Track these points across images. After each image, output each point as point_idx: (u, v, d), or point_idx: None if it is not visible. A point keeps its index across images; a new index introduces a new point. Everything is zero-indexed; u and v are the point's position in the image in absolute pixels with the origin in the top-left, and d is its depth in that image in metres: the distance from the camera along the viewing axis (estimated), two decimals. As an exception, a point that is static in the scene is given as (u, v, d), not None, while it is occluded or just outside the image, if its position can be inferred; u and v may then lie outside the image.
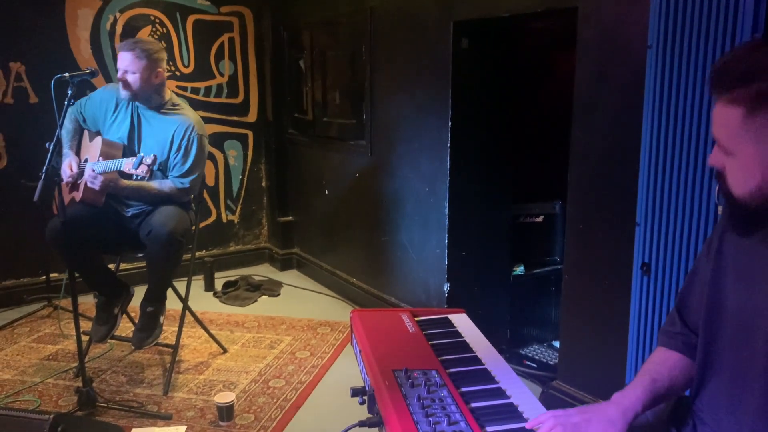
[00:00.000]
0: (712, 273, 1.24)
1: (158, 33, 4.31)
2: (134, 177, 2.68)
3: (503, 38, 3.15)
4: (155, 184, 2.90)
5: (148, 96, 2.90)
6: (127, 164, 2.66)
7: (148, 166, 2.61)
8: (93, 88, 3.98)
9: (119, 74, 2.85)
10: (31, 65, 3.92)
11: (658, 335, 1.42)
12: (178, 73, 4.44)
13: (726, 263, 1.22)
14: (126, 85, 2.84)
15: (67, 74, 2.52)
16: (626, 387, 1.29)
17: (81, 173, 2.90)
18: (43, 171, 2.36)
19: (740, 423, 1.15)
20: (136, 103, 2.94)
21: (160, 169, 2.91)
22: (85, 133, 3.10)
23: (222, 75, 4.64)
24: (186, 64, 4.47)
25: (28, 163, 3.68)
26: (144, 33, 4.25)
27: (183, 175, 2.92)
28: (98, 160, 2.81)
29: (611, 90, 2.31)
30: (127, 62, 2.81)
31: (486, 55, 3.14)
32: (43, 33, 3.92)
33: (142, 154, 2.65)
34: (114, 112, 2.99)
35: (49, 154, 2.39)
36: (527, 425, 1.24)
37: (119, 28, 4.17)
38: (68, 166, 2.92)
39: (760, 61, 1.02)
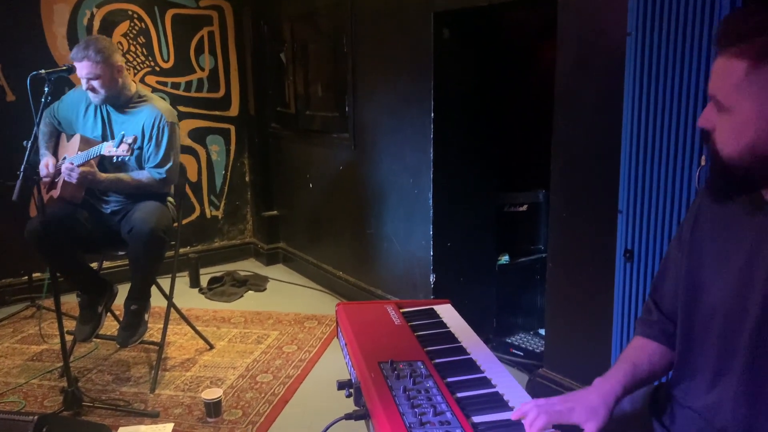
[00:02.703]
0: (687, 259, 1.25)
1: (136, 28, 4.26)
2: (115, 159, 2.65)
3: (484, 28, 3.15)
4: (132, 175, 2.88)
5: (117, 94, 2.87)
6: (107, 146, 2.65)
7: (129, 144, 2.59)
8: (70, 84, 3.94)
9: (84, 85, 2.81)
10: (7, 63, 3.85)
11: (635, 325, 1.44)
12: (157, 68, 4.39)
13: (701, 247, 1.24)
14: (94, 91, 2.82)
15: (43, 71, 2.48)
16: (607, 372, 1.30)
17: (58, 172, 2.87)
18: (22, 170, 2.34)
19: (720, 404, 1.17)
20: None
21: (137, 160, 2.91)
22: (63, 135, 3.07)
23: (202, 69, 4.60)
24: (165, 59, 4.42)
25: (6, 162, 3.62)
26: (122, 28, 4.20)
27: (159, 165, 2.89)
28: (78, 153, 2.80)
29: (591, 78, 2.31)
30: (86, 70, 2.76)
31: (467, 46, 3.14)
32: (18, 30, 3.86)
33: (122, 133, 2.63)
34: (84, 113, 2.97)
35: (27, 152, 2.36)
36: (512, 415, 1.25)
37: (96, 24, 4.11)
38: (45, 165, 2.88)
39: (766, 18, 1.03)
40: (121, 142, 2.60)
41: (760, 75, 1.02)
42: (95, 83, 2.79)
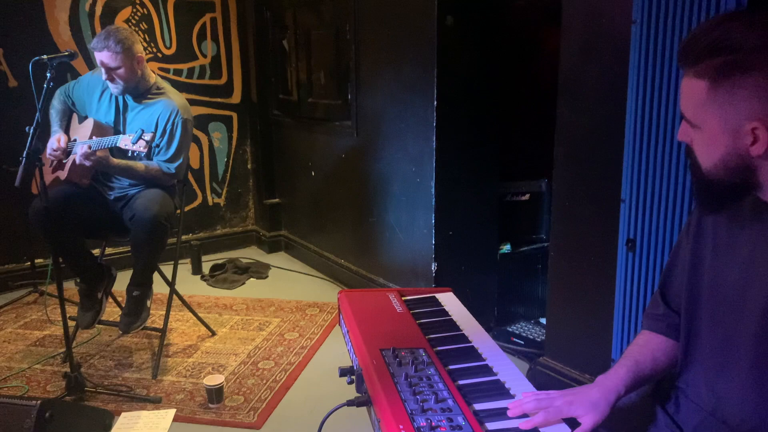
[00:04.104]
0: (691, 251, 1.25)
1: (138, 14, 4.24)
2: (130, 153, 2.66)
3: (489, 15, 3.12)
4: (144, 164, 2.88)
5: (136, 84, 2.87)
6: (124, 140, 2.64)
7: (147, 141, 2.59)
8: (72, 71, 3.94)
9: (104, 75, 2.80)
10: (10, 48, 3.84)
11: (642, 318, 1.43)
12: (160, 55, 4.38)
13: (705, 240, 1.23)
14: (113, 81, 2.80)
15: (45, 57, 2.47)
16: (610, 369, 1.30)
17: (68, 152, 2.87)
18: (24, 155, 2.33)
19: (725, 396, 1.17)
20: None
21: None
22: (74, 115, 3.07)
23: (205, 56, 4.58)
24: (168, 45, 4.41)
25: (9, 148, 3.62)
26: (124, 14, 4.18)
27: (169, 160, 2.89)
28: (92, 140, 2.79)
29: (596, 66, 2.30)
30: (105, 59, 2.75)
31: (471, 33, 3.12)
32: (21, 15, 3.84)
33: (141, 129, 2.62)
34: (99, 98, 2.97)
35: (29, 137, 2.36)
36: (510, 405, 1.25)
37: (98, 10, 4.09)
38: (56, 140, 2.86)
39: (724, 34, 1.02)
40: (139, 138, 2.58)
41: (719, 93, 1.03)
42: (115, 73, 2.78)
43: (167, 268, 3.17)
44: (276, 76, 4.63)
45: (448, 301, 1.84)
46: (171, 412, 2.57)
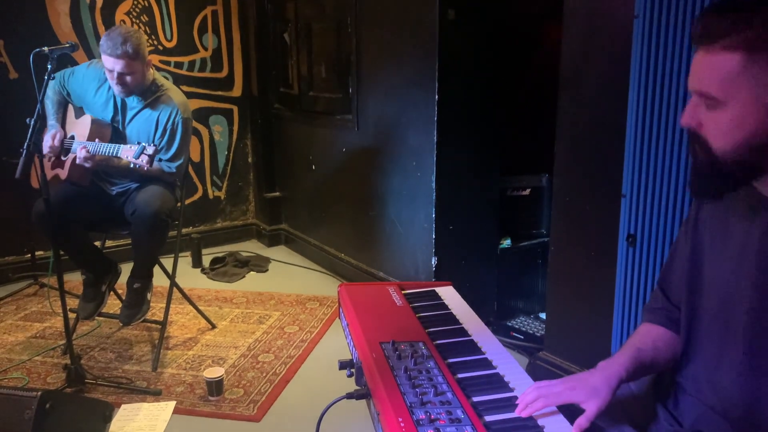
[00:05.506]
0: (690, 245, 1.25)
1: (139, 6, 4.23)
2: (132, 165, 2.61)
3: (490, 8, 3.11)
4: None
5: (141, 84, 2.82)
6: (125, 151, 2.58)
7: (150, 156, 2.53)
8: (73, 62, 3.91)
9: (112, 78, 2.73)
10: (10, 40, 3.84)
11: (642, 312, 1.43)
12: (161, 47, 4.37)
13: (702, 236, 1.24)
14: (125, 86, 2.75)
15: (46, 48, 2.46)
16: (611, 357, 1.30)
17: (66, 150, 2.85)
18: (24, 147, 2.33)
19: (722, 389, 1.17)
20: None
21: None
22: (70, 108, 3.04)
23: (205, 49, 4.57)
24: (169, 38, 4.40)
25: (9, 140, 3.61)
26: (125, 6, 4.17)
27: (170, 160, 2.87)
28: (95, 141, 2.74)
29: (597, 61, 2.29)
30: (120, 66, 2.68)
31: (473, 27, 3.11)
32: (21, 7, 3.83)
33: (143, 144, 2.56)
34: (96, 93, 2.91)
35: (30, 129, 2.35)
36: (517, 402, 1.25)
37: (99, 1, 4.08)
38: (51, 137, 2.83)
39: (754, 3, 0.99)
40: (141, 153, 2.53)
41: (756, 65, 0.99)
42: (128, 78, 2.72)
43: (168, 261, 3.17)
44: (277, 70, 4.63)
45: (448, 295, 1.84)
46: (171, 405, 2.58)
